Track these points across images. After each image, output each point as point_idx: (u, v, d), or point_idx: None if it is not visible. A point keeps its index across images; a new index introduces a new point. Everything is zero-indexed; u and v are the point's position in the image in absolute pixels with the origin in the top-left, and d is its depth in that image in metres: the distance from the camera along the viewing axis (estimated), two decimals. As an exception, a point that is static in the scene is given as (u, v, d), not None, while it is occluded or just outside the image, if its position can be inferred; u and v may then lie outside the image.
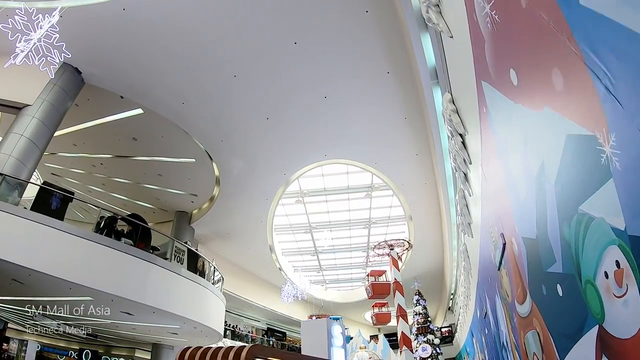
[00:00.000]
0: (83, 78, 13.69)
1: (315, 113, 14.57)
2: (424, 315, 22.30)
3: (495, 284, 6.37)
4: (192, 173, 18.03)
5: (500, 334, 6.72)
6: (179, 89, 14.04)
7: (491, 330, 8.20)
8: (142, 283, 11.47)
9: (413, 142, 15.64)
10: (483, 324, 9.90)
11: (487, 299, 7.97)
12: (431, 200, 18.43)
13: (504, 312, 5.80)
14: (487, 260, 6.98)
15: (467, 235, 9.61)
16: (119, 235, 11.97)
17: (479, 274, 8.75)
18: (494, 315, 7.26)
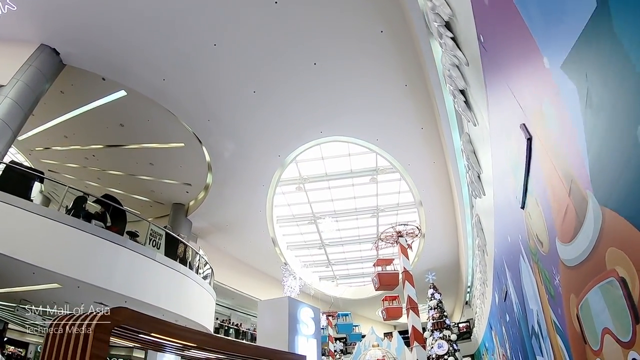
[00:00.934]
0: (62, 59, 12.61)
1: (305, 83, 12.81)
2: (439, 310, 20.07)
3: (517, 241, 4.40)
4: (183, 159, 16.53)
5: (529, 315, 4.71)
6: (159, 64, 12.69)
7: (514, 315, 6.18)
8: (110, 268, 9.97)
9: (417, 114, 13.66)
10: (503, 309, 7.81)
11: (507, 270, 5.95)
12: (442, 182, 16.33)
13: (536, 278, 3.83)
14: (505, 213, 5.02)
15: (477, 197, 7.59)
16: (89, 217, 10.50)
17: (496, 240, 6.71)
18: (518, 290, 5.25)
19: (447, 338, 18.98)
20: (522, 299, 4.98)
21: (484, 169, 6.14)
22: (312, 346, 7.19)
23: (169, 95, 13.67)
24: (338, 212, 20.08)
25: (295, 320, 6.99)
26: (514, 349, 7.31)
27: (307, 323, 7.23)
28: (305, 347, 6.96)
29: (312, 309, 7.56)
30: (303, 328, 7.14)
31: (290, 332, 6.66)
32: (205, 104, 13.86)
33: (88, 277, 9.17)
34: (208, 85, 13.23)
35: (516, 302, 5.59)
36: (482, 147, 5.92)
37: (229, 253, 21.58)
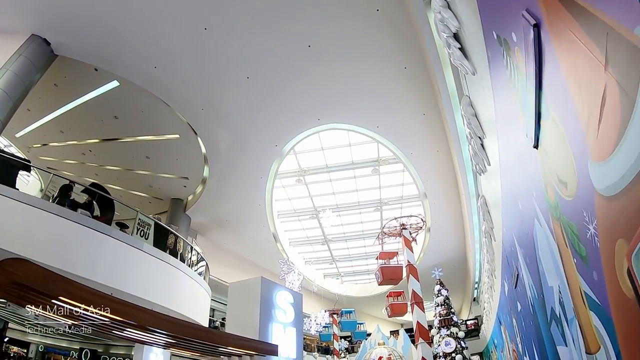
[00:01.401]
0: (53, 49, 12.13)
1: (300, 67, 12.09)
2: (446, 307, 19.12)
3: (531, 202, 3.59)
4: (179, 152, 15.90)
5: (547, 297, 3.87)
6: (149, 52, 12.12)
7: (527, 302, 5.33)
8: (93, 257, 9.27)
9: (418, 99, 12.83)
10: (514, 298, 6.95)
11: (519, 248, 5.11)
12: (446, 171, 15.44)
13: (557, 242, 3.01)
14: (514, 171, 4.22)
15: (482, 173, 6.76)
16: (75, 206, 9.91)
17: (504, 216, 5.86)
18: (533, 268, 4.42)
19: (454, 335, 18.01)
20: (537, 278, 4.15)
21: (487, 133, 5.32)
22: (290, 336, 6.33)
23: (161, 84, 13.11)
24: (340, 206, 19.25)
25: (270, 305, 6.05)
26: (526, 342, 6.45)
27: (285, 309, 6.29)
28: (281, 337, 6.12)
29: (291, 294, 6.63)
30: (279, 314, 6.25)
31: (263, 319, 5.77)
32: (198, 92, 13.23)
33: (70, 266, 8.48)
34: (200, 72, 12.62)
35: (530, 285, 4.75)
36: (483, 103, 5.13)
37: (230, 250, 20.86)
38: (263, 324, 5.76)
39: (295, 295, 6.73)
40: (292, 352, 6.20)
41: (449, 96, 10.65)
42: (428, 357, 13.38)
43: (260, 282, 6.03)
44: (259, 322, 5.62)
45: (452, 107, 10.89)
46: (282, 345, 5.96)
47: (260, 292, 5.84)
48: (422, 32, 9.63)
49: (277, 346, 5.41)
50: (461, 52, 4.94)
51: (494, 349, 16.92)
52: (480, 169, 6.68)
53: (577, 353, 3.01)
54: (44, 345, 20.72)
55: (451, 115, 11.18)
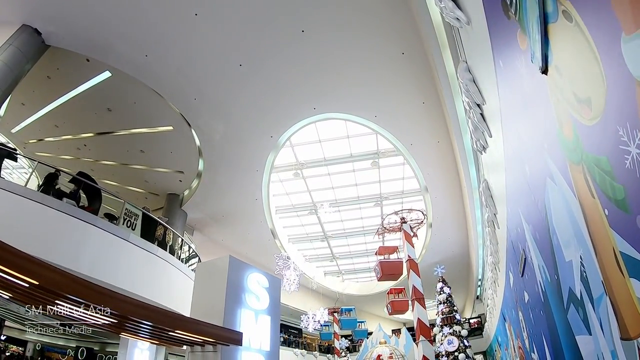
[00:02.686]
0: (44, 39, 11.65)
1: (294, 53, 11.43)
2: (449, 304, 18.39)
3: (542, 156, 2.90)
4: (173, 145, 15.32)
5: (564, 275, 3.14)
6: (140, 40, 11.53)
7: (536, 289, 4.59)
8: (76, 247, 8.79)
9: (417, 86, 12.14)
10: (520, 288, 6.21)
11: (526, 225, 4.38)
12: (447, 164, 14.70)
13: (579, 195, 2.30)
14: (517, 122, 3.52)
15: (483, 151, 6.05)
16: (60, 195, 9.45)
17: (508, 190, 5.12)
18: (544, 245, 3.70)
19: (457, 334, 17.26)
20: (550, 256, 3.44)
21: (488, 98, 4.62)
22: (263, 324, 5.40)
23: (152, 73, 12.57)
24: (339, 201, 18.54)
25: (239, 288, 5.19)
26: (534, 336, 5.71)
27: (258, 294, 5.46)
28: (251, 325, 5.21)
29: (266, 277, 5.77)
30: (250, 300, 5.33)
31: (229, 303, 4.91)
32: (190, 81, 12.64)
33: (52, 256, 7.97)
34: (192, 60, 12.03)
35: (540, 267, 4.03)
36: (481, 62, 4.43)
37: (228, 247, 20.18)
38: (229, 310, 4.90)
39: (271, 279, 5.88)
40: (265, 343, 5.36)
41: (449, 82, 10.03)
42: (429, 355, 12.59)
43: (227, 262, 5.24)
44: (225, 306, 4.81)
45: (452, 92, 10.25)
46: (253, 335, 5.13)
47: (227, 273, 5.04)
48: (418, 11, 8.98)
49: (242, 334, 4.63)
50: (453, 2, 4.27)
51: (498, 347, 16.10)
52: (481, 145, 5.97)
53: (607, 341, 2.30)
54: (42, 343, 20.34)
55: (451, 101, 10.55)
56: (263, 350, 5.22)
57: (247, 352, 4.95)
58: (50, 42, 11.79)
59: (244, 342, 4.90)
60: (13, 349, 20.22)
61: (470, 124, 6.06)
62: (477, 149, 6.33)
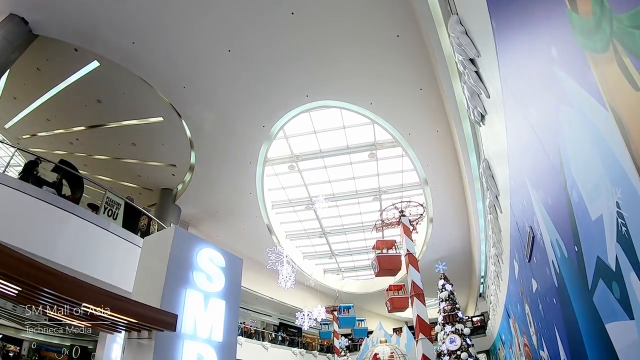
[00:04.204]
0: (31, 29, 11.17)
1: (284, 37, 10.72)
2: (451, 302, 17.48)
3: (550, 74, 2.12)
4: (164, 137, 14.66)
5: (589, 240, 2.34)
6: (126, 26, 10.94)
7: (548, 270, 3.73)
8: (53, 236, 8.11)
9: (413, 70, 11.36)
10: (527, 276, 5.37)
11: (533, 193, 3.58)
12: (447, 154, 13.85)
13: (607, 91, 1.51)
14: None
15: (481, 122, 5.24)
16: (40, 182, 8.85)
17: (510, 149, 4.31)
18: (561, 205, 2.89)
19: (459, 332, 16.34)
20: (567, 222, 2.65)
21: (482, 50, 3.84)
22: (216, 310, 4.46)
23: (140, 61, 11.97)
24: (337, 195, 17.73)
25: (185, 265, 4.32)
26: (545, 331, 4.88)
27: (211, 273, 4.53)
28: (199, 310, 4.27)
29: (223, 255, 4.80)
30: (200, 279, 4.39)
31: (170, 281, 4.04)
32: (179, 68, 11.99)
33: (27, 245, 7.34)
34: (179, 46, 11.40)
35: (554, 242, 3.22)
36: (475, 11, 3.64)
37: (223, 243, 19.37)
38: (170, 289, 4.06)
39: (230, 258, 4.95)
40: (217, 332, 4.42)
41: (446, 64, 9.26)
42: (430, 354, 11.73)
43: (172, 233, 4.41)
44: (164, 285, 3.95)
45: (450, 75, 9.47)
46: (201, 322, 4.28)
47: (170, 246, 4.22)
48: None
49: (176, 317, 3.80)
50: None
51: (502, 345, 15.17)
52: (478, 114, 5.18)
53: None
54: (37, 342, 19.74)
55: (449, 86, 9.77)
56: (214, 340, 4.32)
57: (191, 341, 4.07)
58: (37, 32, 11.33)
59: (186, 329, 4.04)
60: (11, 349, 19.69)
61: (467, 91, 5.26)
62: (475, 119, 5.52)
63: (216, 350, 4.25)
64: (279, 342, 22.07)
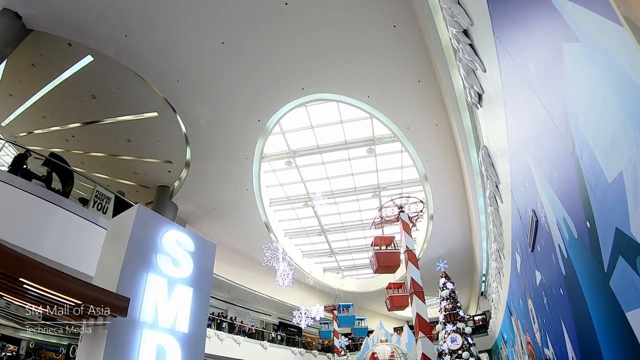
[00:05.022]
0: (24, 23, 10.93)
1: (278, 28, 10.35)
2: (452, 300, 17.00)
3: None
4: (160, 132, 14.32)
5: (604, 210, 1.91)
6: (119, 18, 10.60)
7: (554, 256, 3.31)
8: (40, 229, 7.83)
9: (411, 62, 10.96)
10: (531, 266, 4.93)
11: (535, 168, 3.17)
12: (447, 149, 13.41)
13: None
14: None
15: (478, 104, 4.82)
16: (29, 176, 8.58)
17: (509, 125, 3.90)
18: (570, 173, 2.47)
19: (461, 331, 15.87)
20: (577, 194, 2.23)
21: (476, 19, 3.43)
22: (181, 298, 3.98)
23: (133, 54, 11.67)
24: (336, 192, 17.31)
25: (148, 247, 3.86)
26: (550, 326, 4.45)
27: (177, 258, 4.06)
28: (162, 296, 3.79)
29: (193, 238, 4.25)
30: (164, 263, 3.91)
31: (129, 263, 3.60)
32: (172, 62, 11.66)
33: (13, 238, 7.07)
34: (172, 38, 11.07)
35: (560, 222, 2.80)
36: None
37: (222, 241, 18.98)
38: (128, 272, 3.59)
39: (200, 242, 4.44)
40: (182, 322, 3.94)
41: (444, 53, 8.88)
42: (429, 353, 11.28)
43: (135, 212, 3.96)
44: (122, 267, 3.53)
45: (448, 64, 9.09)
46: (163, 310, 3.83)
47: (132, 226, 3.78)
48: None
49: (128, 300, 3.34)
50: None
51: (504, 344, 14.67)
52: (476, 93, 4.76)
53: None
54: (35, 341, 19.48)
55: (448, 77, 9.39)
56: (178, 331, 3.85)
57: (151, 331, 3.60)
58: (31, 26, 11.07)
59: (145, 317, 3.58)
60: (11, 348, 19.44)
61: (462, 70, 4.85)
62: (472, 101, 5.10)
63: (180, 342, 3.80)
64: (278, 342, 21.64)
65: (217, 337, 17.22)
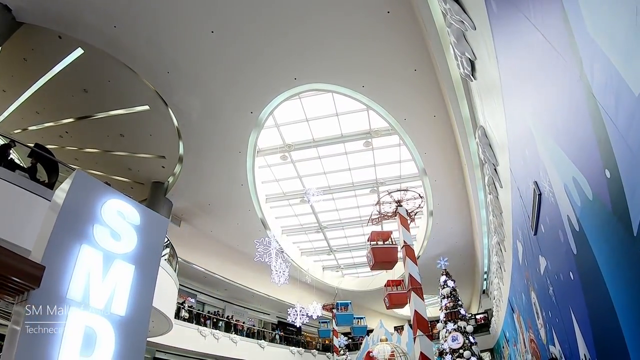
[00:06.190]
0: (15, 16, 10.64)
1: (268, 15, 9.84)
2: (453, 298, 16.30)
3: None
4: (152, 127, 13.86)
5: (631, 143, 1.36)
6: (107, 8, 10.22)
7: (561, 235, 2.72)
8: (21, 220, 7.31)
9: (406, 50, 10.41)
10: (534, 253, 4.34)
11: (537, 126, 2.60)
12: (446, 141, 12.84)
13: None
14: None
15: (474, 81, 4.25)
16: (13, 166, 8.21)
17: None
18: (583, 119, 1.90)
19: (462, 330, 15.21)
20: (592, 136, 1.67)
21: None
22: (121, 276, 3.44)
23: (123, 45, 11.26)
24: (333, 188, 16.74)
25: (84, 216, 3.31)
26: (557, 319, 3.85)
27: (119, 230, 3.52)
28: (96, 272, 3.25)
29: (139, 210, 3.60)
30: (102, 236, 3.37)
31: (59, 233, 3.08)
32: (162, 52, 11.21)
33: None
34: (161, 28, 10.63)
35: (572, 184, 2.23)
36: None
37: (218, 239, 18.53)
38: (57, 242, 3.07)
39: (148, 215, 3.78)
40: (119, 304, 3.40)
41: (439, 37, 8.35)
42: (428, 352, 10.67)
43: (72, 178, 3.38)
44: (50, 236, 3.00)
45: (444, 49, 8.55)
46: (97, 288, 3.28)
47: (66, 192, 3.21)
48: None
49: (43, 268, 2.78)
50: None
51: (506, 343, 14.01)
52: (468, 61, 4.21)
53: None
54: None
55: (444, 63, 8.85)
56: (114, 314, 3.31)
57: (79, 310, 3.07)
58: (21, 19, 10.76)
59: (73, 294, 3.03)
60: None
61: (452, 36, 4.29)
62: (465, 72, 4.53)
63: (115, 326, 3.25)
64: (276, 341, 21.06)
65: (213, 336, 16.69)
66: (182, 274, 17.29)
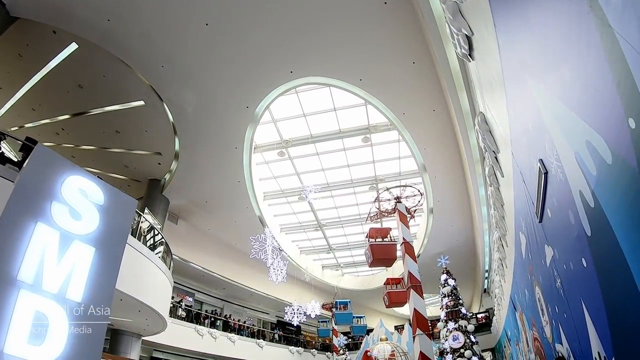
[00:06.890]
0: (9, 11, 10.43)
1: (262, 7, 9.55)
2: (454, 297, 15.91)
3: None
4: (147, 122, 13.61)
5: None
6: (101, 2, 10.00)
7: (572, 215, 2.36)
8: None
9: (404, 42, 10.09)
10: (539, 241, 3.98)
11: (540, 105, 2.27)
12: (446, 136, 12.50)
13: None
14: None
15: (472, 61, 3.92)
16: (3, 160, 7.94)
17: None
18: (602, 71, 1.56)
19: (463, 329, 14.83)
20: (611, 85, 1.35)
21: None
22: (79, 258, 3.11)
23: (116, 39, 11.03)
24: (331, 185, 16.40)
25: (42, 193, 3.01)
26: (565, 314, 3.50)
27: (80, 210, 3.22)
28: (51, 253, 2.94)
29: (102, 189, 3.31)
30: (60, 214, 3.08)
31: (13, 209, 2.82)
32: (156, 46, 10.95)
33: None
34: (154, 21, 10.38)
35: (585, 149, 1.88)
36: None
37: (216, 237, 18.22)
38: (10, 218, 2.80)
39: (112, 193, 3.52)
40: (75, 289, 3.09)
41: (437, 27, 8.03)
42: (428, 352, 10.32)
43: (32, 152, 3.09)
44: (2, 212, 2.76)
45: (442, 40, 8.23)
46: (51, 271, 2.96)
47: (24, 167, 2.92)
48: None
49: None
50: None
51: (507, 343, 13.61)
52: (464, 39, 3.87)
53: None
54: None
55: (443, 54, 8.54)
56: (69, 299, 3.02)
57: (30, 293, 2.78)
58: (15, 13, 10.56)
59: (24, 275, 2.75)
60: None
61: (448, 12, 3.95)
62: (463, 51, 4.19)
63: (68, 312, 2.94)
64: (275, 340, 20.70)
65: (211, 335, 16.37)
66: (179, 273, 16.98)
